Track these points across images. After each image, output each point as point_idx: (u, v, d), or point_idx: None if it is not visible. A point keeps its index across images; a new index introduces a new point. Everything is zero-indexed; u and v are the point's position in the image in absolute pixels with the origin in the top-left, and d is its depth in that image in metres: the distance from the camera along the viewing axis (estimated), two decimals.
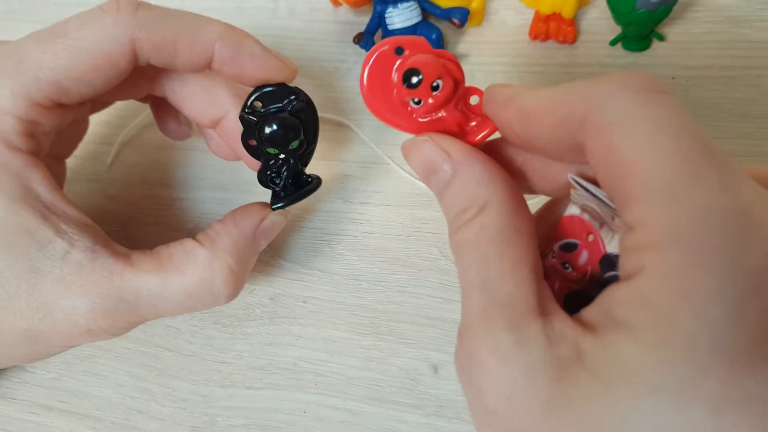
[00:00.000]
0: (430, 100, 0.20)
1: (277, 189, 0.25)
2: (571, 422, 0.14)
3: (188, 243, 0.24)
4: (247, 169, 0.27)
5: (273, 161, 0.25)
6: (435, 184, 0.19)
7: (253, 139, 0.24)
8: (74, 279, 0.21)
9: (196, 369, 0.28)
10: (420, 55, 0.20)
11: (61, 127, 0.24)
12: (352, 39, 0.34)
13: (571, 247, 0.20)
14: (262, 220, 0.25)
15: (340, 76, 0.34)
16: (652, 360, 0.13)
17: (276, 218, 0.26)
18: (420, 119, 0.21)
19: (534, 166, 0.20)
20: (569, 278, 0.20)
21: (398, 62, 0.20)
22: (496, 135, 0.21)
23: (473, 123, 0.21)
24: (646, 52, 0.32)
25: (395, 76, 0.20)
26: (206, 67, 0.23)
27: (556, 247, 0.20)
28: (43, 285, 0.21)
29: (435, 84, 0.20)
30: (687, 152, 0.14)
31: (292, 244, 0.30)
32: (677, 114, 0.14)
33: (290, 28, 0.36)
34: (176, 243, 0.24)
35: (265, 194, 0.26)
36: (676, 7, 0.30)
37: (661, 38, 0.32)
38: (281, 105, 0.24)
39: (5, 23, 0.38)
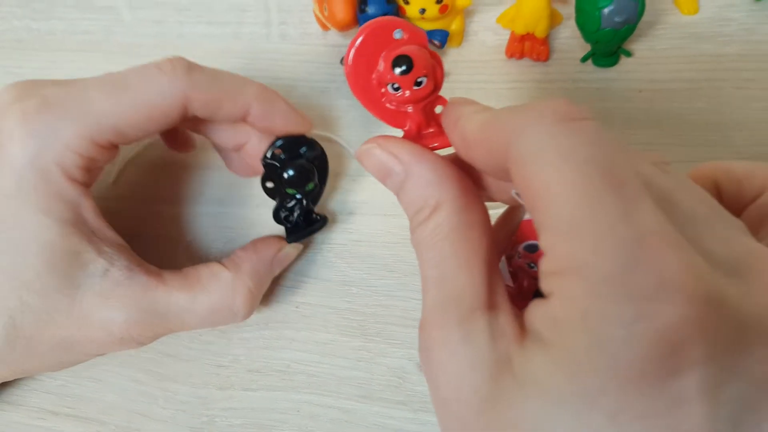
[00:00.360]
0: (407, 93, 0.20)
1: (290, 226, 0.29)
2: (499, 420, 0.15)
3: (215, 266, 0.27)
4: (243, 183, 0.29)
5: (287, 201, 0.28)
6: (391, 186, 0.20)
7: (270, 181, 0.28)
8: (113, 293, 0.24)
9: (195, 373, 0.30)
10: (415, 46, 0.20)
11: (111, 162, 0.27)
12: (339, 60, 0.36)
13: (533, 248, 0.22)
14: (279, 251, 0.29)
15: (330, 94, 0.36)
16: (560, 375, 0.14)
17: (290, 250, 0.30)
18: (387, 104, 0.21)
19: (489, 179, 0.20)
20: (535, 276, 0.22)
21: (392, 46, 0.20)
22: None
23: (431, 129, 0.21)
24: (615, 68, 0.34)
25: (383, 60, 0.20)
26: (242, 120, 0.26)
27: (520, 248, 0.22)
28: (83, 298, 0.24)
29: (419, 80, 0.20)
30: (590, 182, 0.14)
31: None
32: (586, 143, 0.15)
33: (283, 51, 0.38)
34: (203, 266, 0.27)
35: (256, 207, 0.28)
36: (641, 25, 0.32)
37: (628, 54, 0.34)
38: (300, 153, 0.28)
39: (13, 52, 0.40)
